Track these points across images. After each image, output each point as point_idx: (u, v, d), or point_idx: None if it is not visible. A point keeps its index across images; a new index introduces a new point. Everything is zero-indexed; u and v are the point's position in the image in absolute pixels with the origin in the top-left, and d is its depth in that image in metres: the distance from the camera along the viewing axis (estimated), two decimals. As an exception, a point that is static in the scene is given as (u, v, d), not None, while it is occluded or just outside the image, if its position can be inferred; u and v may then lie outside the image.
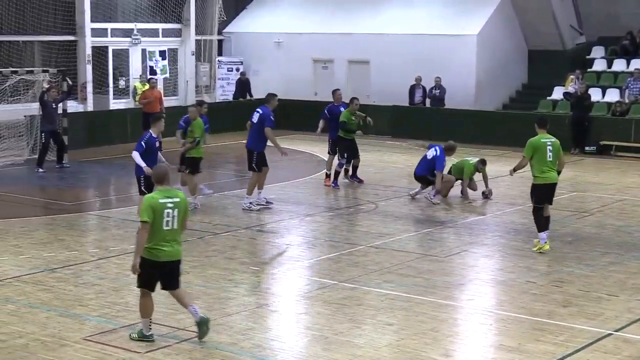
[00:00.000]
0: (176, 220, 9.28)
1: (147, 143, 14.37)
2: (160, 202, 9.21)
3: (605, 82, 27.75)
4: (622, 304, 10.93)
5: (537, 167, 13.55)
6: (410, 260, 13.00)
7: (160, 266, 9.30)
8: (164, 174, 9.49)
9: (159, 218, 9.16)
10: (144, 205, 9.27)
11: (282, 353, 9.25)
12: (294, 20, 31.99)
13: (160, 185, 9.40)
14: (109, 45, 28.93)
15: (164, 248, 9.25)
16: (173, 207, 9.26)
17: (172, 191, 9.44)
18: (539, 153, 13.54)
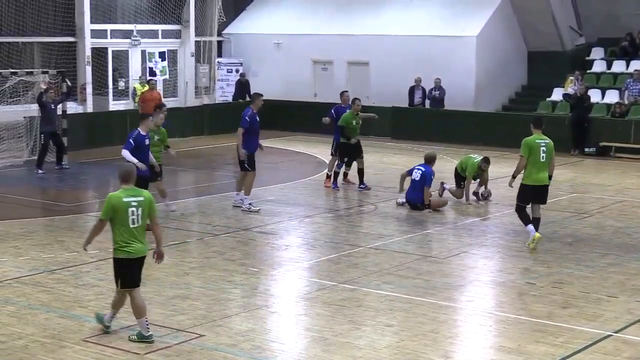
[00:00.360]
0: (141, 218, 9.53)
1: (135, 140, 14.44)
2: (124, 200, 9.46)
3: (604, 84, 27.77)
4: (621, 305, 10.93)
5: (528, 168, 13.64)
6: (410, 262, 13.00)
7: (136, 261, 9.58)
8: (129, 173, 9.71)
9: (124, 217, 9.43)
10: (106, 203, 9.51)
11: (281, 354, 9.25)
12: (294, 21, 31.99)
13: (126, 184, 9.61)
14: (108, 47, 28.94)
15: (134, 244, 9.52)
16: (137, 205, 9.49)
17: (137, 190, 9.66)
18: (532, 153, 13.57)
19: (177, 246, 13.92)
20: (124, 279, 9.55)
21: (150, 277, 12.23)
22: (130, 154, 14.29)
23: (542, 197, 13.81)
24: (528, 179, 13.70)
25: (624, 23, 28.66)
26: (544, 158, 13.66)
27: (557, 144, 24.47)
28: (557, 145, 24.47)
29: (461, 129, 26.38)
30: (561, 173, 21.36)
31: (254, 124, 16.56)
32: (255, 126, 16.61)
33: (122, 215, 9.40)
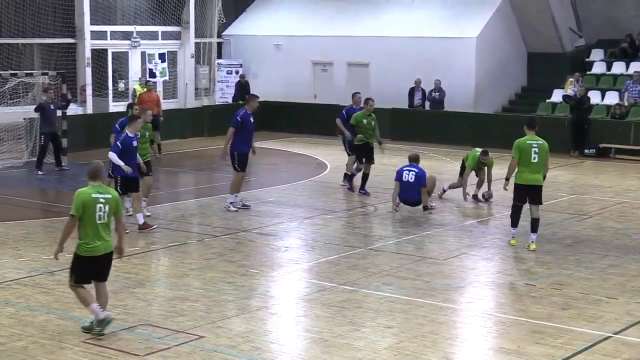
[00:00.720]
0: (107, 215, 9.69)
1: (123, 143, 14.51)
2: (92, 197, 9.63)
3: (604, 85, 27.76)
4: (621, 307, 10.93)
5: (520, 168, 13.81)
6: (410, 263, 13.00)
7: (96, 260, 9.71)
8: (97, 170, 9.87)
9: (91, 212, 9.61)
10: (75, 200, 9.62)
11: (281, 356, 9.25)
12: (293, 22, 32.00)
13: (94, 181, 9.76)
14: (108, 48, 28.94)
15: (98, 243, 9.65)
16: (105, 202, 9.66)
17: (105, 187, 9.86)
18: (523, 154, 13.72)
19: (176, 247, 13.92)
20: (78, 275, 9.75)
21: (151, 278, 12.25)
22: (117, 157, 14.38)
23: (536, 197, 13.86)
24: (519, 178, 13.85)
25: (623, 24, 28.66)
26: (536, 159, 13.76)
27: (557, 145, 24.69)
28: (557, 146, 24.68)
29: (461, 130, 26.37)
30: (561, 174, 21.38)
31: (246, 124, 16.53)
32: (248, 127, 16.58)
33: (90, 211, 9.58)
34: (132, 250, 13.63)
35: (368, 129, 18.50)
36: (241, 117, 16.50)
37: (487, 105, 28.36)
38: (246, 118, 16.56)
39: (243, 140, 16.54)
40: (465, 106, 27.69)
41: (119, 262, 12.84)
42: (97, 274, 9.84)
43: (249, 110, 16.67)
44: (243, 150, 16.57)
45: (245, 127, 16.51)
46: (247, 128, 16.58)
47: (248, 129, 16.60)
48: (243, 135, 16.51)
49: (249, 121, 16.59)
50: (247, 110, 16.65)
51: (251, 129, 16.73)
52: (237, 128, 16.43)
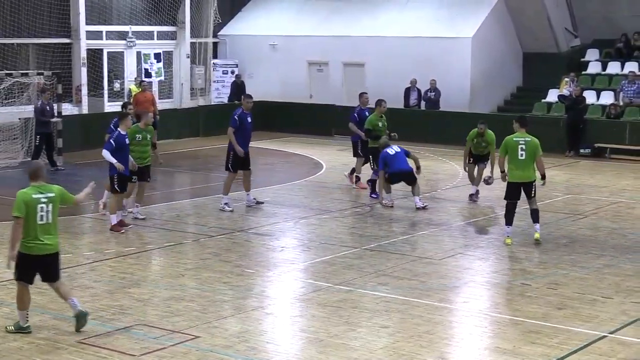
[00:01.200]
0: (51, 215, 9.63)
1: (116, 141, 14.60)
2: (33, 197, 9.57)
3: (599, 85, 27.79)
4: (616, 306, 10.94)
5: (509, 166, 14.11)
6: (406, 263, 13.00)
7: (39, 260, 9.66)
8: (37, 170, 9.83)
9: (32, 213, 9.54)
10: (17, 200, 9.60)
11: (277, 356, 9.24)
12: (289, 22, 31.99)
13: (35, 181, 9.71)
14: (103, 48, 28.90)
15: (40, 242, 9.61)
16: (47, 201, 9.60)
17: (47, 186, 9.75)
18: (510, 151, 14.00)
19: (172, 247, 13.91)
20: (19, 271, 9.75)
21: (146, 278, 12.24)
22: (110, 155, 14.47)
23: (528, 192, 14.13)
24: (510, 176, 14.11)
25: (619, 24, 28.70)
26: (524, 156, 13.95)
27: (552, 145, 24.73)
28: (552, 146, 24.72)
29: (456, 130, 26.31)
30: (556, 174, 21.39)
31: (244, 123, 16.62)
32: (246, 126, 16.68)
33: (31, 211, 9.51)
34: (128, 250, 13.63)
35: (382, 131, 18.20)
36: (239, 116, 16.61)
37: (483, 105, 28.35)
38: (243, 117, 16.65)
39: (241, 139, 16.59)
40: (460, 106, 27.70)
41: (115, 262, 12.88)
42: (43, 274, 9.82)
43: (245, 109, 16.74)
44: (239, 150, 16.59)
45: (243, 126, 16.60)
46: (245, 127, 16.68)
47: (246, 128, 16.70)
48: (241, 134, 16.60)
49: (246, 121, 16.68)
50: (244, 109, 16.74)
51: (249, 129, 16.82)
52: (236, 128, 16.50)
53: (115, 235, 14.67)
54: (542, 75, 28.76)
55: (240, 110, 16.77)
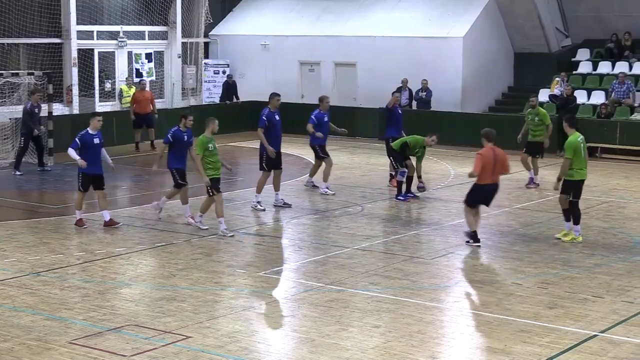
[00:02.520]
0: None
1: (81, 139, 14.78)
2: None
3: (590, 85, 27.86)
4: (607, 306, 10.97)
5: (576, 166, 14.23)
6: (397, 263, 13.01)
7: None
8: None
9: None
10: None
11: (268, 356, 9.24)
12: (281, 22, 31.99)
13: None
14: (94, 48, 28.85)
15: None
16: None
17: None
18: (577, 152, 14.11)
19: (163, 247, 13.90)
20: None
21: (137, 278, 12.22)
22: (74, 152, 14.73)
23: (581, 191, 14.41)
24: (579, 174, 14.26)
25: (609, 24, 28.79)
26: (584, 154, 14.36)
27: (543, 145, 24.66)
28: (543, 146, 24.61)
29: (448, 130, 26.37)
30: (548, 174, 21.41)
31: (272, 122, 16.74)
32: (275, 125, 16.77)
33: None
34: (119, 250, 13.60)
35: None
36: (266, 116, 16.72)
37: (474, 105, 28.42)
38: (271, 116, 16.75)
39: (271, 139, 16.70)
40: (452, 106, 27.74)
41: (105, 263, 12.86)
42: None
43: (272, 108, 16.81)
44: (274, 149, 16.73)
45: (272, 125, 16.70)
46: (274, 126, 16.76)
47: (275, 127, 16.78)
48: (271, 134, 16.70)
49: (274, 119, 16.78)
50: (271, 109, 16.81)
51: (278, 127, 16.87)
52: (265, 128, 16.62)
53: (106, 236, 14.65)
54: (533, 75, 28.85)
55: (267, 110, 16.81)
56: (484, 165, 13.74)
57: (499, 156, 13.85)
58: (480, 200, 14.07)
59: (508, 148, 13.89)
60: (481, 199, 14.05)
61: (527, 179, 19.75)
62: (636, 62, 27.81)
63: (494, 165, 13.80)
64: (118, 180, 20.88)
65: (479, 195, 13.99)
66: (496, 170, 13.87)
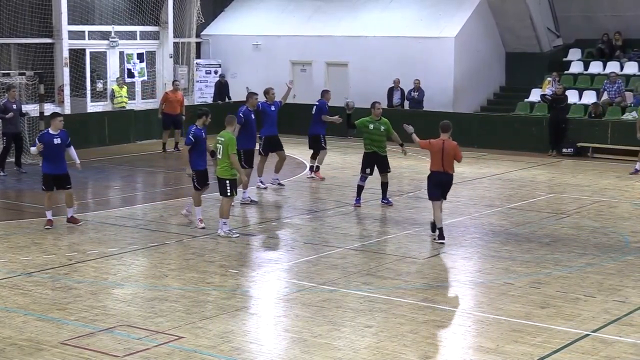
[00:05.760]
0: None
1: (40, 139, 14.82)
2: None
3: (581, 84, 27.92)
4: (599, 305, 10.99)
5: None
6: (389, 262, 13.02)
7: None
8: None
9: None
10: None
11: (261, 356, 9.24)
12: (272, 22, 31.98)
13: None
14: (86, 48, 28.80)
15: None
16: None
17: None
18: None
19: (155, 248, 13.88)
20: None
21: (130, 279, 12.21)
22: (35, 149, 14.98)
23: None
24: None
25: (600, 24, 28.84)
26: None
27: (535, 144, 24.82)
28: (535, 145, 24.80)
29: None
30: (539, 173, 21.50)
31: (249, 121, 17.05)
32: (251, 123, 17.11)
33: None
34: (111, 250, 13.58)
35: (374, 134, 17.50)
36: (243, 113, 17.01)
37: (466, 105, 28.45)
38: (248, 114, 17.06)
39: (247, 136, 16.97)
40: (444, 106, 27.76)
41: (97, 263, 12.84)
42: None
43: (250, 107, 17.22)
44: (248, 146, 17.05)
45: (248, 123, 17.02)
46: (250, 125, 17.08)
47: (251, 125, 17.12)
48: (246, 131, 16.96)
49: (250, 118, 17.09)
50: (248, 107, 17.23)
51: (254, 126, 17.25)
52: (242, 125, 16.80)
53: (98, 236, 14.63)
54: (524, 75, 28.89)
55: (244, 107, 17.21)
56: (431, 152, 14.53)
57: (447, 149, 14.33)
58: (435, 188, 14.33)
59: (501, 148, 13.82)
60: (435, 186, 14.35)
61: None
62: (627, 62, 27.89)
63: (442, 156, 14.33)
64: (111, 180, 20.88)
65: (431, 182, 14.45)
66: (445, 161, 14.30)
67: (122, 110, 27.61)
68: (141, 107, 28.91)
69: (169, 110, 25.06)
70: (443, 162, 14.34)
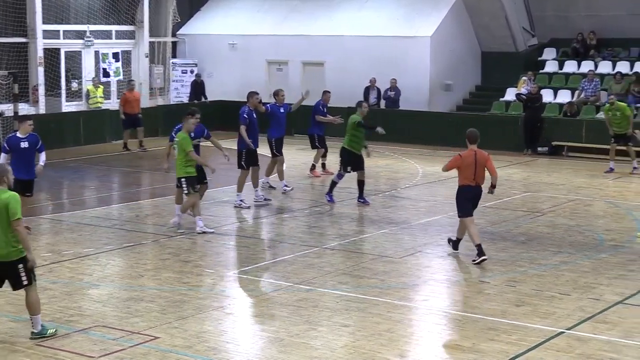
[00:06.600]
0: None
1: (8, 143, 14.52)
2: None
3: (556, 84, 28.09)
4: (573, 303, 11.06)
5: None
6: (366, 262, 13.04)
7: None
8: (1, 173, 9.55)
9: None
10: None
11: (237, 356, 9.22)
12: (248, 22, 31.93)
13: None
14: (61, 47, 28.61)
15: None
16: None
17: None
18: None
19: (131, 248, 13.83)
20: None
21: (105, 279, 12.15)
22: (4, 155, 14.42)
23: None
24: None
25: (575, 24, 29.01)
26: None
27: (510, 143, 24.94)
28: (510, 144, 24.93)
29: (416, 129, 26.53)
30: (514, 172, 21.60)
31: (252, 121, 17.00)
32: (254, 123, 17.05)
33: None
34: (86, 251, 13.52)
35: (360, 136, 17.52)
36: (247, 114, 16.97)
37: (442, 104, 28.53)
38: (251, 114, 17.04)
39: (250, 137, 16.89)
40: (420, 105, 27.84)
41: (73, 264, 12.77)
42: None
43: (252, 106, 17.16)
44: (243, 147, 16.92)
45: (250, 123, 16.97)
46: (253, 124, 17.03)
47: (254, 125, 17.06)
48: (249, 131, 16.91)
49: (253, 117, 17.06)
50: (250, 107, 17.14)
51: (256, 125, 17.16)
52: (246, 125, 16.83)
53: (73, 237, 14.55)
54: (500, 74, 29.00)
55: (247, 108, 17.08)
56: (462, 166, 12.97)
57: (479, 160, 12.95)
58: (466, 203, 13.09)
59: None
60: (466, 201, 13.08)
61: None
62: (601, 61, 28.09)
63: (474, 169, 12.93)
64: (86, 180, 20.78)
65: (462, 197, 13.10)
66: (478, 174, 12.98)
67: (97, 110, 27.48)
68: (117, 106, 28.75)
69: (128, 110, 25.22)
70: (476, 174, 13.01)
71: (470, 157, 12.93)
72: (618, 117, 21.45)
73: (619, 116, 21.44)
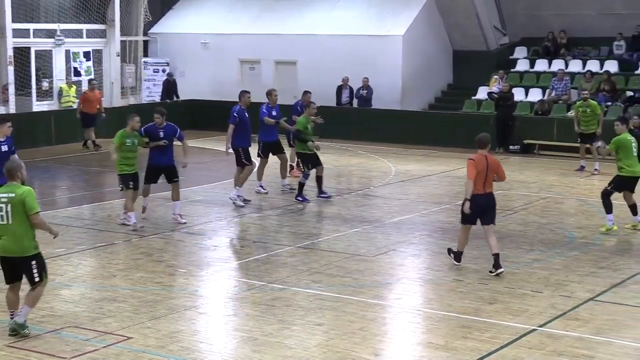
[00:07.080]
0: (10, 216, 9.35)
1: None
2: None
3: (528, 82, 28.26)
4: (545, 300, 11.13)
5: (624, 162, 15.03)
6: (339, 260, 13.04)
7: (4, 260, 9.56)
8: (11, 170, 9.59)
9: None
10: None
11: (210, 355, 9.20)
12: (221, 21, 31.86)
13: (12, 180, 9.51)
14: (31, 46, 28.40)
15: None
16: (7, 202, 9.36)
17: (13, 186, 9.47)
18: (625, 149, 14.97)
19: (103, 248, 13.75)
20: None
21: (77, 279, 12.08)
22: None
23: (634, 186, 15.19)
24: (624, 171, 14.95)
25: (546, 23, 29.22)
26: (635, 152, 14.99)
27: (482, 142, 24.74)
28: (482, 143, 24.66)
29: (388, 128, 26.59)
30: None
31: (243, 119, 17.09)
32: (245, 121, 17.15)
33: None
34: (58, 251, 13.41)
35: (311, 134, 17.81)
36: (237, 113, 17.07)
37: (414, 103, 28.62)
38: (242, 113, 17.12)
39: (242, 135, 17.07)
40: (392, 104, 27.91)
41: (44, 264, 12.63)
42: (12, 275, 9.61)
43: (243, 105, 17.23)
44: (244, 145, 17.11)
45: (242, 122, 17.07)
46: (244, 123, 17.14)
47: (245, 124, 17.17)
48: (242, 130, 17.06)
49: (244, 116, 17.14)
50: (242, 106, 17.21)
51: (248, 124, 17.27)
52: (236, 124, 16.95)
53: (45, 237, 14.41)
54: (472, 73, 29.13)
55: (238, 107, 17.18)
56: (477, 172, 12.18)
57: (491, 166, 12.33)
58: (474, 214, 12.34)
59: (449, 145, 13.86)
60: (475, 212, 12.27)
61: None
62: (571, 60, 28.31)
63: (485, 175, 12.25)
64: (57, 180, 20.65)
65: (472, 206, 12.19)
66: (488, 180, 12.30)
67: (68, 109, 27.30)
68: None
69: (87, 110, 25.07)
70: (486, 181, 12.26)
71: (482, 162, 12.25)
72: (588, 114, 21.60)
73: (588, 113, 21.60)
